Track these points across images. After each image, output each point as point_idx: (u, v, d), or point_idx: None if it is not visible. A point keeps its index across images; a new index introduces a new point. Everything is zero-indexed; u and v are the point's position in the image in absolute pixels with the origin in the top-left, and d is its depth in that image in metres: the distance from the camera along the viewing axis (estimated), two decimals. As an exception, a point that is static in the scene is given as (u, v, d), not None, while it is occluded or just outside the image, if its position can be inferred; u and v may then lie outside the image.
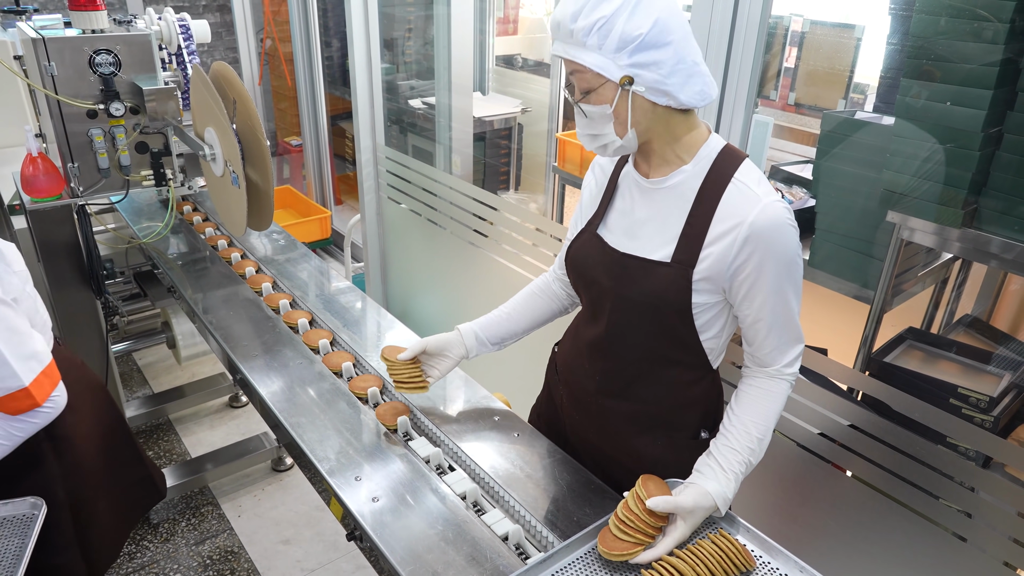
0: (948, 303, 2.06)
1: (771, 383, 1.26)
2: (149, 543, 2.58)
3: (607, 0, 1.06)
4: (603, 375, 1.37)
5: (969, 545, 1.51)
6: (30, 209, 2.12)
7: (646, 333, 1.29)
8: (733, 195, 1.16)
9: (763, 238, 1.14)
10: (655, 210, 1.24)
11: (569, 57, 1.12)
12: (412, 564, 1.19)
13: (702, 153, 1.20)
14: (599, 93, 1.12)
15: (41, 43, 1.95)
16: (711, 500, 1.18)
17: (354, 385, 1.67)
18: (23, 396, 1.36)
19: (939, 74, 1.55)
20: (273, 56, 5.02)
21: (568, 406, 1.49)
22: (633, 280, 1.25)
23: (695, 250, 1.18)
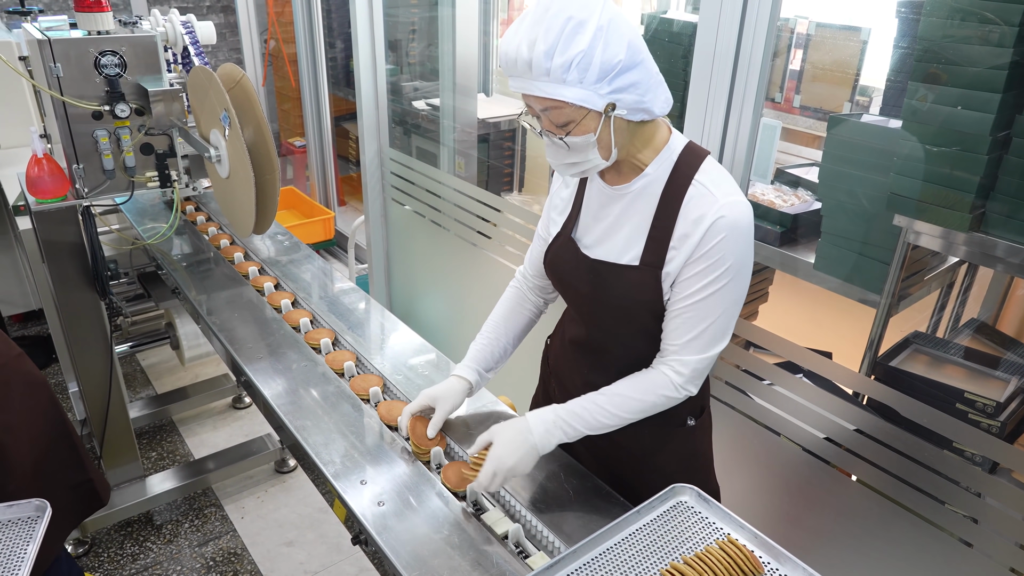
0: (954, 307, 2.05)
1: (663, 374, 1.27)
2: (152, 544, 2.58)
3: (580, 33, 1.05)
4: (589, 372, 1.42)
5: (976, 551, 1.50)
6: (35, 210, 2.12)
7: (625, 333, 1.34)
8: (693, 197, 1.18)
9: (716, 235, 1.16)
10: (622, 215, 1.26)
11: (545, 95, 1.09)
12: (417, 569, 1.19)
13: (663, 156, 1.21)
14: (582, 124, 1.12)
15: (47, 44, 1.95)
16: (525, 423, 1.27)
17: (355, 384, 1.67)
18: None
19: (947, 77, 1.54)
20: (277, 57, 5.02)
21: (560, 399, 1.49)
22: (606, 285, 1.28)
23: (662, 251, 1.21)
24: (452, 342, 3.07)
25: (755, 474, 1.89)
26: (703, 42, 1.67)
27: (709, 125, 1.72)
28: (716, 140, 1.72)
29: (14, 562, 1.32)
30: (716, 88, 1.68)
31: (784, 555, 1.13)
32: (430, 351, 1.84)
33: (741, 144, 1.70)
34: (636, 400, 1.28)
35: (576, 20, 1.05)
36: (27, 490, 1.66)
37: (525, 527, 1.31)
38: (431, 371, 1.75)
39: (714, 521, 1.20)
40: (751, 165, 1.75)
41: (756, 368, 1.81)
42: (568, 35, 1.05)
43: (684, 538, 1.17)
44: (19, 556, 1.33)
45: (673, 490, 1.24)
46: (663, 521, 1.20)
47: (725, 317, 1.22)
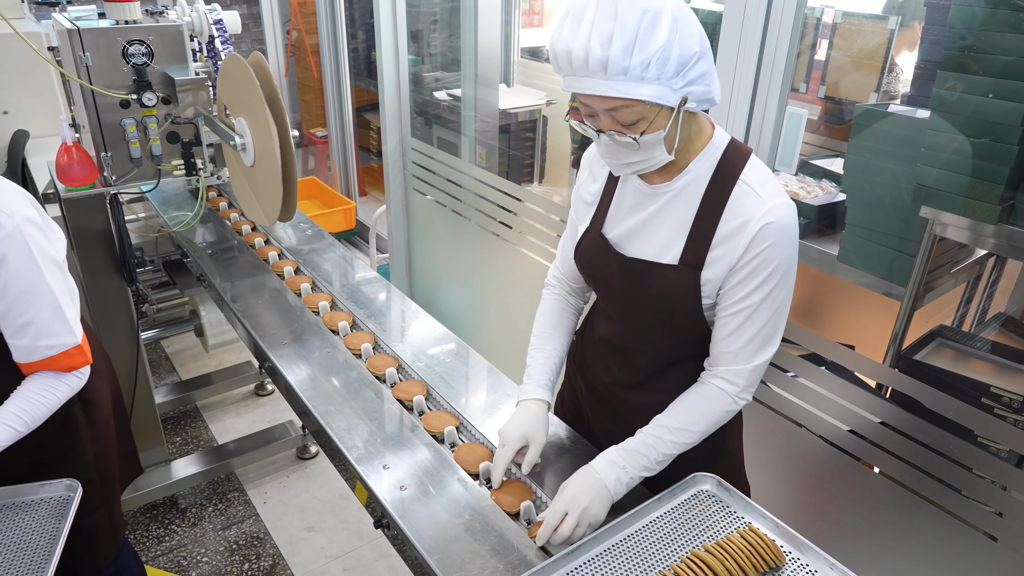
0: (981, 301, 2.02)
1: (720, 387, 1.24)
2: (177, 527, 2.63)
3: (657, 27, 0.99)
4: (619, 370, 1.39)
5: (1000, 545, 1.49)
6: (64, 197, 2.16)
7: (658, 332, 1.30)
8: (739, 197, 1.15)
9: (766, 241, 1.13)
10: (661, 213, 1.22)
11: (619, 94, 1.02)
12: (439, 553, 1.20)
13: (707, 153, 1.17)
14: (654, 122, 1.06)
15: (76, 34, 1.98)
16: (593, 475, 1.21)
17: (371, 364, 1.70)
18: (77, 352, 1.42)
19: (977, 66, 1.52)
20: (299, 48, 5.05)
21: (587, 396, 1.51)
22: (642, 284, 1.24)
23: (702, 252, 1.17)
24: (472, 331, 3.09)
25: (778, 466, 1.88)
26: (728, 31, 1.66)
27: (733, 114, 1.71)
28: (740, 129, 1.71)
29: (47, 540, 1.35)
30: (741, 77, 1.66)
31: (806, 545, 1.13)
32: (451, 340, 1.85)
33: (765, 134, 1.69)
34: (698, 428, 1.24)
35: (652, 12, 0.99)
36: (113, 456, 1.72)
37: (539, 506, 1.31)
38: (451, 358, 1.76)
39: (735, 510, 1.20)
40: (776, 155, 1.74)
41: (779, 360, 1.80)
42: (646, 29, 0.98)
43: (705, 526, 1.17)
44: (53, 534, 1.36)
45: (694, 479, 1.25)
46: (684, 509, 1.20)
47: (775, 320, 1.19)
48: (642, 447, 1.24)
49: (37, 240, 1.35)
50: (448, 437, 1.49)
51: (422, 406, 1.59)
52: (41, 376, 1.40)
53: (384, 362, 1.71)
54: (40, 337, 1.36)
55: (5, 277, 1.30)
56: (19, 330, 1.35)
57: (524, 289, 2.67)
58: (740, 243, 1.14)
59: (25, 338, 1.35)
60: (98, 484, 1.67)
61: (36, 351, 1.37)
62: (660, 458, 1.24)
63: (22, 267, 1.31)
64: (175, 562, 2.48)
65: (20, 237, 1.31)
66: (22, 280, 1.32)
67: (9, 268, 1.30)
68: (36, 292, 1.34)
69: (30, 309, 1.34)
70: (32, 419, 1.36)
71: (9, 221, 1.29)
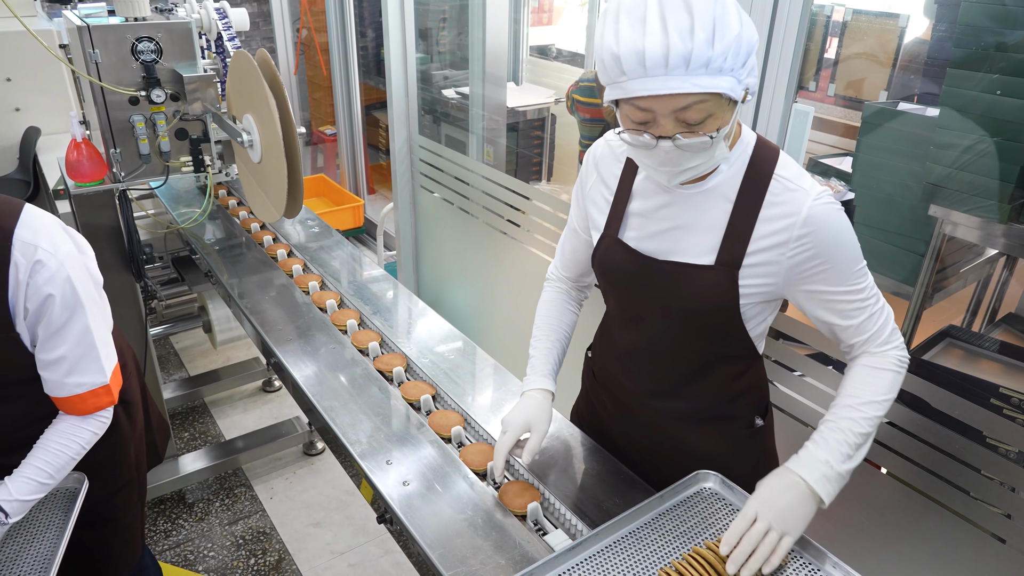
0: (991, 301, 2.00)
1: (871, 359, 1.18)
2: (184, 522, 2.64)
3: (728, 14, 0.95)
4: (649, 379, 1.33)
5: (1008, 547, 1.47)
6: (74, 194, 2.17)
7: (693, 337, 1.24)
8: (778, 192, 1.11)
9: (821, 230, 1.09)
10: (693, 214, 1.16)
11: (700, 89, 0.96)
12: (441, 548, 1.20)
13: (738, 150, 1.14)
14: (721, 118, 1.01)
15: (86, 31, 1.99)
16: (798, 480, 1.10)
17: (379, 363, 1.70)
18: (104, 392, 1.41)
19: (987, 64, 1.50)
20: (309, 46, 5.07)
21: (612, 410, 1.44)
22: (677, 287, 1.19)
23: (740, 250, 1.13)
24: (479, 329, 3.09)
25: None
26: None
27: (739, 111, 1.70)
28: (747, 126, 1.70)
29: (54, 531, 1.37)
30: (748, 74, 1.65)
31: (810, 543, 1.12)
32: (457, 337, 1.85)
33: (772, 131, 1.68)
34: (881, 396, 1.16)
35: (720, 1, 0.95)
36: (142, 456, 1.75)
37: (545, 506, 1.31)
38: (457, 356, 1.77)
39: (739, 508, 1.19)
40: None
41: (786, 359, 1.79)
42: (720, 18, 0.94)
43: (708, 524, 1.17)
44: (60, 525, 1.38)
45: (696, 476, 1.24)
46: (687, 507, 1.20)
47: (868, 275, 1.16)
48: (836, 433, 1.14)
49: (80, 276, 1.35)
50: (456, 437, 1.49)
51: (429, 405, 1.59)
52: (63, 424, 1.39)
53: (392, 361, 1.71)
54: (70, 374, 1.36)
55: (48, 314, 1.31)
56: (51, 364, 1.35)
57: (532, 288, 2.66)
58: (791, 238, 1.10)
59: (56, 372, 1.36)
60: (136, 483, 1.71)
61: (64, 387, 1.37)
62: (858, 440, 1.13)
63: (65, 304, 1.32)
64: (182, 556, 2.50)
65: (64, 274, 1.31)
66: (62, 317, 1.32)
67: (55, 305, 1.31)
68: (73, 330, 1.34)
69: (64, 345, 1.34)
70: (56, 470, 1.36)
71: (53, 260, 1.29)
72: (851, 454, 1.13)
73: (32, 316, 1.31)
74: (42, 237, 1.30)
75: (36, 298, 1.29)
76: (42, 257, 1.28)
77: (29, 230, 1.29)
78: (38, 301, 1.29)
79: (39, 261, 1.28)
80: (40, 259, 1.28)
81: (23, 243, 1.27)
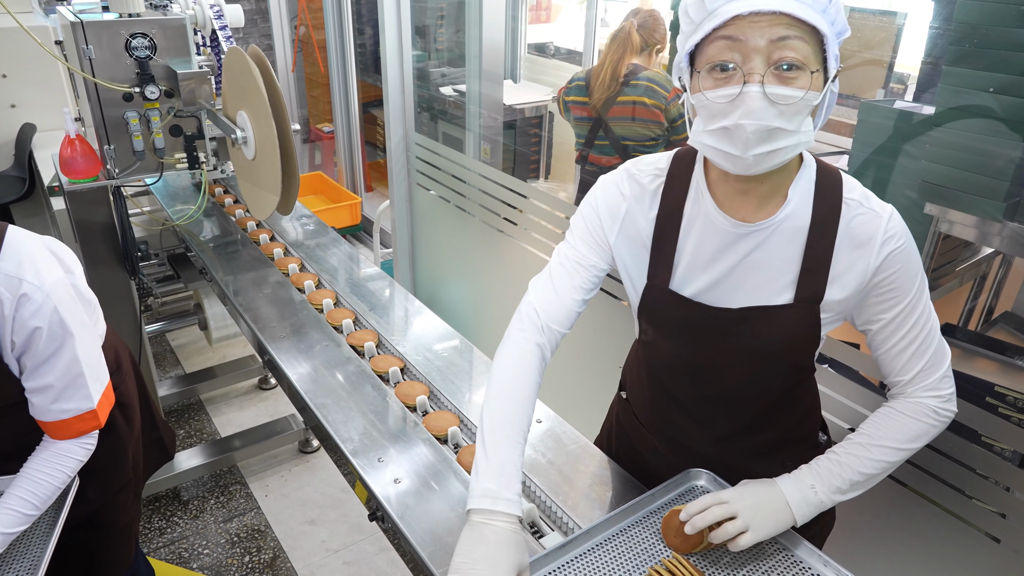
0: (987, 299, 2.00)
1: (907, 404, 1.12)
2: (179, 519, 2.64)
3: None
4: (720, 424, 1.23)
5: (1003, 546, 1.47)
6: (68, 190, 2.17)
7: (769, 378, 1.15)
8: (852, 218, 1.03)
9: (898, 252, 1.03)
10: (762, 251, 1.06)
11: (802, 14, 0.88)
12: (432, 545, 1.20)
13: (803, 175, 1.04)
14: (813, 81, 0.91)
15: (80, 27, 1.98)
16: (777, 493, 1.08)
17: (375, 364, 1.69)
18: (90, 417, 1.40)
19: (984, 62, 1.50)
20: (306, 43, 5.06)
21: (669, 454, 1.31)
22: (757, 333, 1.09)
23: (820, 284, 1.05)
24: (475, 328, 3.08)
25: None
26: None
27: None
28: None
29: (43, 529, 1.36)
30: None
31: (800, 541, 1.11)
32: (453, 336, 1.85)
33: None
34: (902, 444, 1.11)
35: None
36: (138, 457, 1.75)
37: (541, 507, 1.31)
38: (452, 354, 1.76)
39: (730, 507, 1.19)
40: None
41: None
42: None
43: (699, 523, 1.16)
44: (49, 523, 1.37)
45: (688, 474, 1.24)
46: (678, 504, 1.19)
47: (935, 318, 1.10)
48: (834, 465, 1.10)
49: (67, 304, 1.34)
50: (452, 438, 1.48)
51: (425, 406, 1.58)
52: (47, 452, 1.38)
53: (387, 362, 1.70)
54: (56, 401, 1.35)
55: (35, 346, 1.30)
56: (38, 390, 1.34)
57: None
58: (871, 263, 1.03)
59: (42, 399, 1.35)
60: (134, 484, 1.71)
61: (50, 412, 1.36)
62: (857, 478, 1.09)
63: (52, 337, 1.31)
64: (176, 554, 2.49)
65: (51, 306, 1.29)
66: (49, 349, 1.31)
67: (41, 337, 1.29)
68: (61, 361, 1.33)
69: (51, 374, 1.33)
70: (42, 500, 1.35)
71: (39, 293, 1.27)
72: (844, 489, 1.10)
73: (19, 348, 1.30)
74: (26, 269, 1.27)
75: (23, 332, 1.27)
76: (27, 291, 1.26)
77: (13, 262, 1.26)
78: (25, 334, 1.28)
79: (24, 295, 1.25)
80: (25, 292, 1.25)
81: (7, 276, 1.25)
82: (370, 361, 1.71)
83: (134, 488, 1.71)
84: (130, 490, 1.69)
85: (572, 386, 2.44)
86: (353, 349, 1.77)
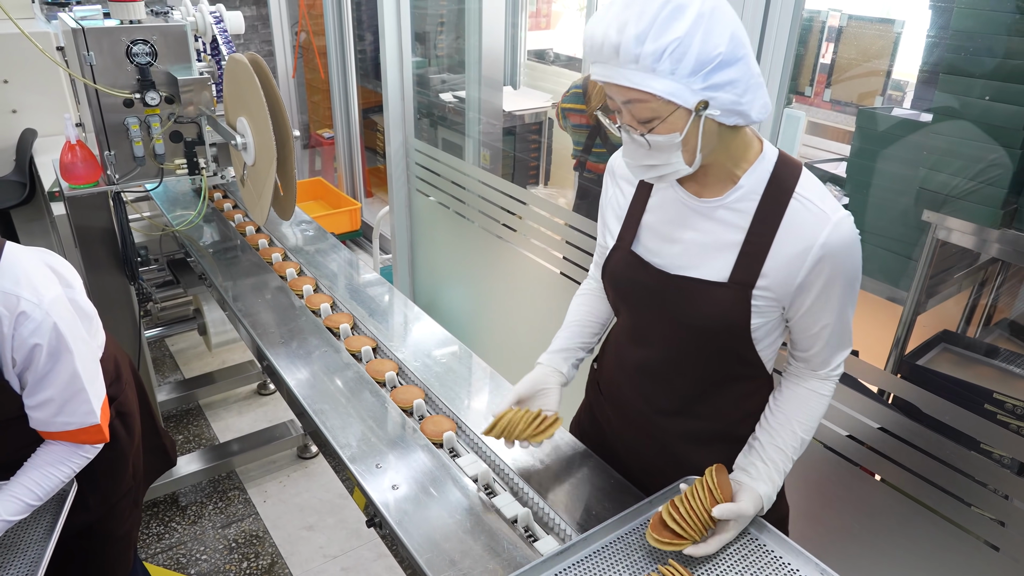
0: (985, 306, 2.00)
1: (820, 384, 1.23)
2: (177, 525, 2.63)
3: (678, 19, 0.94)
4: (657, 397, 1.31)
5: (1002, 555, 1.47)
6: (68, 195, 2.17)
7: (703, 355, 1.22)
8: (798, 212, 1.09)
9: (836, 258, 1.08)
10: (709, 229, 1.15)
11: (632, 85, 0.99)
12: (429, 552, 1.20)
13: (758, 166, 1.11)
14: (668, 122, 1.01)
15: (81, 33, 1.99)
16: (762, 504, 1.17)
17: (371, 368, 1.69)
18: (94, 431, 1.41)
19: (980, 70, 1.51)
20: (307, 49, 5.07)
21: (618, 424, 1.42)
22: (690, 303, 1.17)
23: (755, 269, 1.11)
24: (474, 334, 3.09)
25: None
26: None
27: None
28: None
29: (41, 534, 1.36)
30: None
31: (797, 551, 1.11)
32: (452, 342, 1.85)
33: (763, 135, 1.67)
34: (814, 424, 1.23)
35: (674, 4, 0.95)
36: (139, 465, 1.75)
37: (536, 513, 1.31)
38: (451, 360, 1.76)
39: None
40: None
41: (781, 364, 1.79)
42: (664, 20, 0.95)
43: (697, 530, 1.16)
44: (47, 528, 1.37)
45: (687, 481, 1.24)
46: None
47: (854, 309, 1.18)
48: (788, 462, 1.21)
49: (66, 319, 1.34)
50: (447, 443, 1.48)
51: (422, 410, 1.58)
52: (56, 446, 1.39)
53: (384, 366, 1.70)
54: (58, 414, 1.36)
55: (35, 362, 1.30)
56: (39, 405, 1.35)
57: (527, 293, 2.66)
58: (806, 261, 1.08)
59: (44, 413, 1.35)
60: (134, 493, 1.71)
61: (53, 424, 1.36)
62: (790, 464, 1.22)
63: (51, 353, 1.31)
64: (174, 560, 2.49)
65: (50, 323, 1.29)
66: (49, 365, 1.32)
67: (41, 354, 1.30)
68: (61, 376, 1.33)
69: (51, 389, 1.33)
70: (45, 492, 1.36)
71: (38, 311, 1.27)
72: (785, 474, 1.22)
73: (20, 365, 1.30)
74: (24, 286, 1.27)
75: (22, 349, 1.28)
76: (26, 308, 1.26)
77: (10, 279, 1.26)
78: (24, 352, 1.28)
79: (23, 312, 1.26)
80: (24, 310, 1.26)
81: (5, 294, 1.25)
82: (366, 365, 1.71)
83: (134, 497, 1.71)
84: (130, 499, 1.69)
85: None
86: (351, 354, 1.77)
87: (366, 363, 1.73)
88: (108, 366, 1.56)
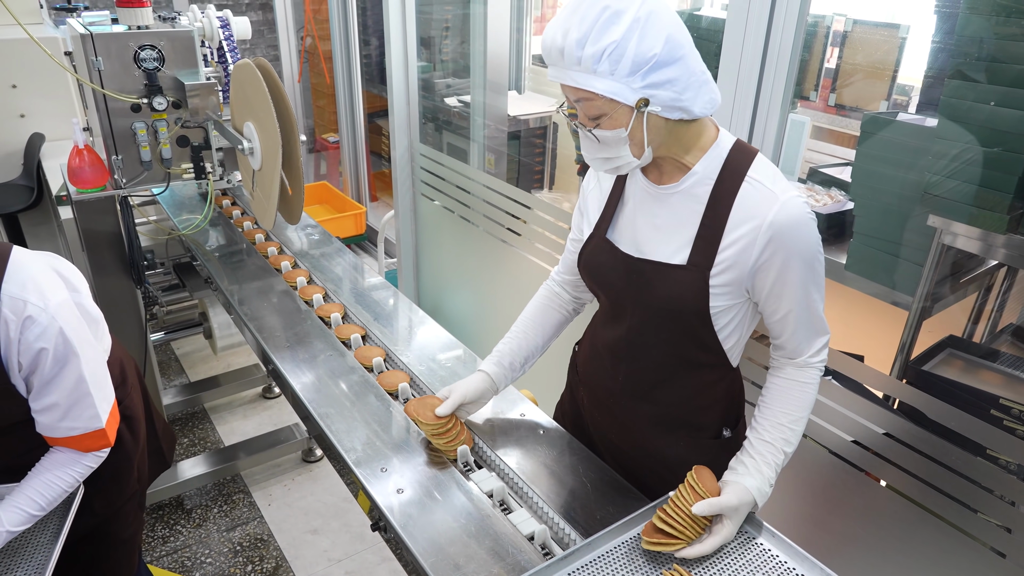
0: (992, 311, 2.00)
1: (799, 372, 1.26)
2: (182, 528, 2.64)
3: (615, 24, 1.03)
4: (624, 377, 1.37)
5: (1008, 561, 1.46)
6: (76, 200, 2.18)
7: (666, 337, 1.29)
8: (749, 194, 1.15)
9: (785, 236, 1.13)
10: (668, 214, 1.22)
11: (577, 85, 1.08)
12: (434, 556, 1.20)
13: (712, 153, 1.18)
14: (612, 118, 1.10)
15: (89, 39, 2.00)
16: (751, 496, 1.19)
17: (383, 380, 1.68)
18: (99, 435, 1.41)
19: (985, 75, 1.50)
20: (313, 54, 5.09)
21: (590, 406, 1.49)
22: (650, 285, 1.24)
23: (711, 252, 1.17)
24: (479, 338, 3.09)
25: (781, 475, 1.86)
26: (731, 38, 1.65)
27: (736, 120, 1.70)
28: (743, 136, 1.70)
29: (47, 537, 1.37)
30: (743, 84, 1.66)
31: (802, 555, 1.11)
32: (456, 346, 1.85)
33: (768, 140, 1.68)
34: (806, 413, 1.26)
35: (612, 10, 1.03)
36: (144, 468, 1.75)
37: (546, 520, 1.31)
38: (456, 365, 1.76)
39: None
40: (778, 163, 1.73)
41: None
42: (602, 25, 1.03)
43: (702, 535, 1.16)
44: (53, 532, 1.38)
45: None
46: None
47: (822, 297, 1.22)
48: (780, 455, 1.24)
49: (72, 323, 1.34)
50: (461, 456, 1.46)
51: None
52: (60, 454, 1.39)
53: (396, 378, 1.67)
54: (64, 419, 1.36)
55: (42, 367, 1.31)
56: (44, 409, 1.35)
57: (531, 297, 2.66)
58: (757, 240, 1.13)
59: (49, 417, 1.36)
60: (139, 496, 1.71)
61: (57, 430, 1.37)
62: (785, 459, 1.24)
63: (57, 357, 1.31)
64: (179, 563, 2.49)
65: (56, 328, 1.29)
66: (55, 369, 1.32)
67: (47, 358, 1.30)
68: (67, 380, 1.34)
69: (57, 393, 1.34)
70: (48, 502, 1.36)
71: (44, 315, 1.28)
72: (780, 466, 1.24)
73: (26, 370, 1.31)
74: (30, 291, 1.27)
75: (28, 353, 1.28)
76: (32, 313, 1.26)
77: (17, 284, 1.27)
78: (31, 356, 1.29)
79: (29, 317, 1.26)
80: (30, 315, 1.26)
81: (11, 298, 1.25)
82: (378, 377, 1.70)
83: (139, 500, 1.72)
84: (135, 502, 1.69)
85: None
86: (355, 358, 1.77)
87: (377, 374, 1.71)
88: (114, 370, 1.57)
